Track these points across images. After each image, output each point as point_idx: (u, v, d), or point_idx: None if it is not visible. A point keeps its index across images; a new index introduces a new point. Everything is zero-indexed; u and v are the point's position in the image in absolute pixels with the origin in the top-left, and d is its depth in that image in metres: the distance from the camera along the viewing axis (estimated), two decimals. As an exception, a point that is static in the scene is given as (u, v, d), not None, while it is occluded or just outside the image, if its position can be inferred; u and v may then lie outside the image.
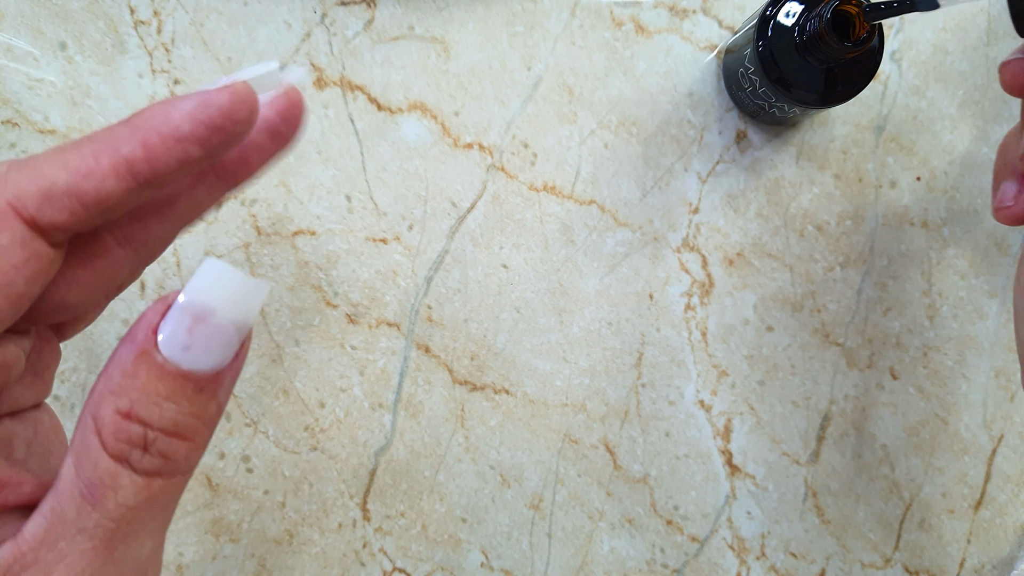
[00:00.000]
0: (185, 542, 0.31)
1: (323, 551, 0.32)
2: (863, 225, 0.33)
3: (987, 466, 0.33)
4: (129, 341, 0.16)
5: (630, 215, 0.33)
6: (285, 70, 0.18)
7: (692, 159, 0.33)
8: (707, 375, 0.33)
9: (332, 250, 0.32)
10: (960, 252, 0.33)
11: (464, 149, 0.32)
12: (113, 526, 0.16)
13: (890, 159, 0.33)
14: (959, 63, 0.33)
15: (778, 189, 0.33)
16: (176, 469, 0.17)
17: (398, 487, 0.32)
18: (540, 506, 0.33)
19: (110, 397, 0.16)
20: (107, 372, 0.16)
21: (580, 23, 0.32)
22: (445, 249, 0.32)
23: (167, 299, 0.16)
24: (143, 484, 0.16)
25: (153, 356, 0.16)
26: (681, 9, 0.33)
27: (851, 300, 0.33)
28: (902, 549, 0.33)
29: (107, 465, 0.16)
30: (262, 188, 0.31)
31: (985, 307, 0.33)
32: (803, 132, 0.33)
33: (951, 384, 0.33)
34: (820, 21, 0.26)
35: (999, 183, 0.26)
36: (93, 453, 0.16)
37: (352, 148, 0.32)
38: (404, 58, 0.32)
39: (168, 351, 0.16)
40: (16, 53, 0.30)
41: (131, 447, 0.16)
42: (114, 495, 0.16)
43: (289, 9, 0.31)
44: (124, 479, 0.16)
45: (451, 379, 0.32)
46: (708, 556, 0.33)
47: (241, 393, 0.31)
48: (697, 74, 0.33)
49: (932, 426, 0.33)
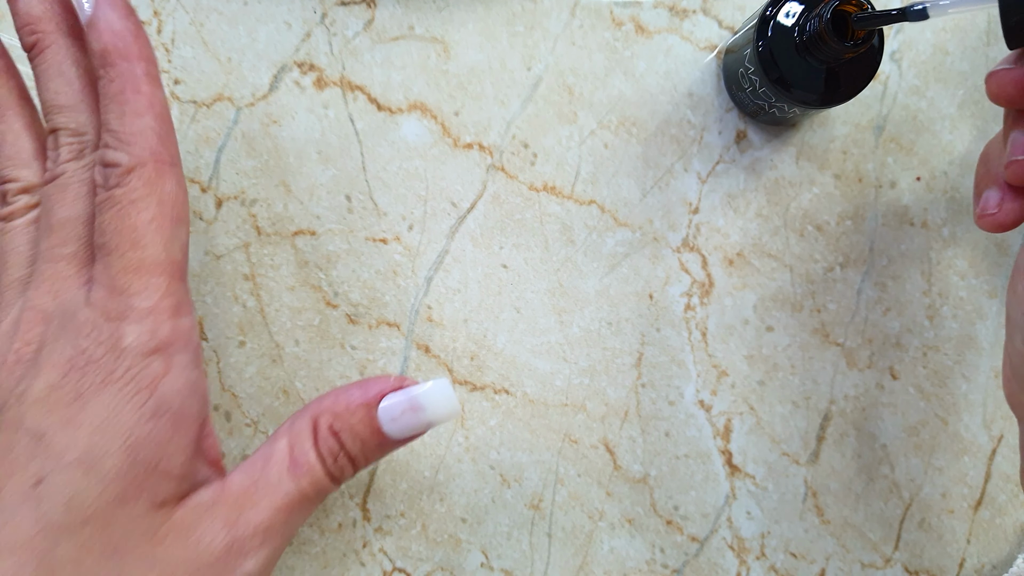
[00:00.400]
0: (185, 542, 0.31)
1: (323, 551, 0.32)
2: (863, 225, 0.33)
3: (987, 466, 0.33)
4: (364, 390, 0.24)
5: (630, 215, 0.33)
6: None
7: (692, 159, 0.33)
8: (707, 375, 0.33)
9: (332, 250, 0.32)
10: (960, 252, 0.33)
11: (464, 149, 0.32)
12: (299, 497, 0.23)
13: (890, 159, 0.33)
14: (959, 63, 0.33)
15: (778, 189, 0.33)
16: (337, 483, 0.24)
17: (398, 487, 0.32)
18: (540, 506, 0.33)
19: (329, 415, 0.23)
20: (335, 396, 0.24)
21: (580, 23, 0.32)
22: (445, 249, 0.32)
23: (404, 382, 0.24)
24: (324, 479, 0.23)
25: (372, 411, 0.23)
26: (681, 9, 0.33)
27: (851, 300, 0.33)
28: (902, 549, 0.33)
29: (312, 456, 0.23)
30: (262, 188, 0.31)
31: (985, 307, 0.33)
32: (803, 132, 0.33)
33: (951, 384, 0.33)
34: (820, 21, 0.26)
35: (981, 191, 0.26)
36: (305, 443, 0.23)
37: (352, 148, 0.32)
38: (404, 58, 0.32)
39: (382, 414, 0.23)
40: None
41: (328, 454, 0.23)
42: (309, 476, 0.23)
43: (289, 9, 0.31)
44: (317, 470, 0.23)
45: (451, 379, 0.32)
46: (708, 556, 0.33)
47: (241, 393, 0.31)
48: (697, 74, 0.33)
49: (932, 426, 0.33)
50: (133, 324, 0.22)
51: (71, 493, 0.20)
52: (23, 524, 0.20)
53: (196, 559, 0.21)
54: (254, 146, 0.31)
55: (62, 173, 0.23)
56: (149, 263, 0.22)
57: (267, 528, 0.22)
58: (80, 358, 0.21)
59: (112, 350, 0.21)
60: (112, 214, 0.22)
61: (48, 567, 0.20)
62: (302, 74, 0.31)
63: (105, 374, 0.21)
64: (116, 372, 0.21)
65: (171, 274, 0.22)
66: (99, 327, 0.22)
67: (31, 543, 0.20)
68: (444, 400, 0.24)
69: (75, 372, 0.21)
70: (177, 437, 0.22)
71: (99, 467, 0.20)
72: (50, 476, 0.20)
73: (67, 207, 0.23)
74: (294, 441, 0.23)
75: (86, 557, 0.20)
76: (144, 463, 0.21)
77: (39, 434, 0.21)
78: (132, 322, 0.22)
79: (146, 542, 0.21)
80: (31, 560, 0.20)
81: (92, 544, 0.20)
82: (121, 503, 0.21)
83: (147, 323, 0.22)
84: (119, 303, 0.22)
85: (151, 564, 0.21)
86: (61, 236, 0.23)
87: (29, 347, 0.22)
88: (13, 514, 0.20)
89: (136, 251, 0.22)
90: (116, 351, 0.21)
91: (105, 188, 0.22)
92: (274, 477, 0.23)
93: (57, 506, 0.20)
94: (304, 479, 0.23)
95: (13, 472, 0.20)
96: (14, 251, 0.24)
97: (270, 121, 0.31)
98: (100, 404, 0.21)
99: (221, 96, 0.31)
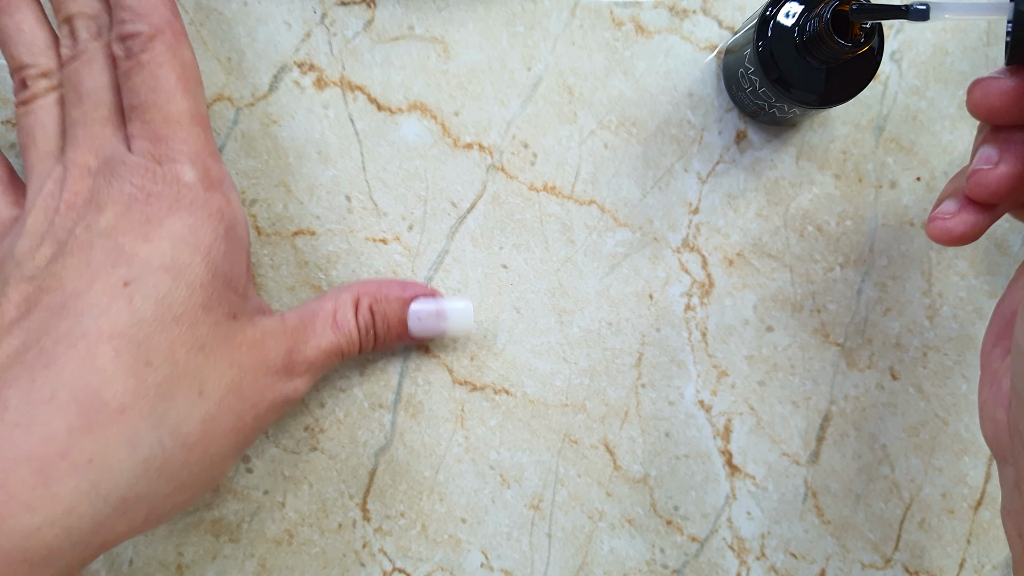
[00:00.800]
0: (185, 542, 0.31)
1: (323, 551, 0.32)
2: (863, 225, 0.33)
3: (987, 466, 0.33)
4: (403, 288, 0.30)
5: (630, 215, 0.33)
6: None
7: (692, 159, 0.33)
8: (707, 375, 0.33)
9: (332, 250, 0.32)
10: (960, 252, 0.33)
11: (464, 149, 0.32)
12: (336, 348, 0.28)
13: (890, 159, 0.33)
14: (959, 63, 0.33)
15: (778, 189, 0.33)
16: (362, 350, 0.29)
17: (398, 487, 0.32)
18: (540, 506, 0.33)
19: (370, 297, 0.29)
20: (379, 285, 0.29)
21: (580, 23, 0.32)
22: (445, 249, 0.32)
23: (436, 293, 0.30)
24: (355, 343, 0.28)
25: (405, 306, 0.29)
26: (681, 9, 0.33)
27: (851, 300, 0.33)
28: (902, 549, 0.33)
29: (352, 322, 0.28)
30: (262, 188, 0.31)
31: (985, 307, 0.33)
32: (803, 132, 0.33)
33: (951, 384, 0.33)
34: (820, 21, 0.26)
35: (941, 201, 0.26)
36: (347, 312, 0.28)
37: (352, 148, 0.32)
38: (404, 58, 0.32)
39: (412, 312, 0.29)
40: None
41: (364, 326, 0.28)
42: (346, 337, 0.28)
43: (289, 9, 0.31)
44: (353, 334, 0.28)
45: (451, 379, 0.32)
46: (708, 556, 0.33)
47: (241, 393, 0.31)
48: (697, 74, 0.33)
49: (932, 426, 0.33)
50: (187, 164, 0.25)
51: (161, 294, 0.23)
52: (119, 316, 0.22)
53: (263, 366, 0.25)
54: (254, 146, 0.31)
55: (85, 50, 0.25)
56: (187, 115, 0.25)
57: (311, 362, 0.27)
58: (140, 193, 0.24)
59: (173, 185, 0.24)
60: (143, 77, 0.25)
61: (145, 354, 0.22)
62: (302, 74, 0.31)
63: (171, 202, 0.24)
64: (183, 201, 0.24)
65: (204, 126, 0.26)
66: (152, 169, 0.24)
67: (128, 332, 0.22)
68: (464, 318, 0.30)
69: (138, 204, 0.24)
70: (239, 261, 0.26)
71: (185, 275, 0.24)
72: (139, 279, 0.23)
73: (95, 77, 0.25)
74: (338, 307, 0.28)
75: (178, 349, 0.23)
76: (222, 277, 0.25)
77: (118, 248, 0.23)
78: (185, 163, 0.25)
79: (226, 344, 0.24)
80: (130, 347, 0.22)
81: (183, 339, 0.23)
82: (205, 309, 0.24)
83: (199, 163, 0.25)
84: (166, 149, 0.25)
85: (230, 363, 0.24)
86: (93, 102, 0.25)
87: (79, 196, 0.24)
88: (107, 308, 0.22)
89: (172, 105, 0.25)
90: (177, 186, 0.24)
91: (128, 58, 0.25)
92: (320, 328, 0.28)
93: (148, 304, 0.23)
94: (342, 337, 0.28)
95: (98, 277, 0.23)
96: (41, 127, 0.26)
97: (270, 121, 0.31)
98: (176, 223, 0.24)
99: (221, 96, 0.31)
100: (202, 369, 0.23)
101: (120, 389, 0.21)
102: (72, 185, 0.24)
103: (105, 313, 0.22)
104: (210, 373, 0.24)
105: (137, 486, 0.22)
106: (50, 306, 0.22)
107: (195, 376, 0.23)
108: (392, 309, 0.29)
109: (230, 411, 0.24)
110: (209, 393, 0.24)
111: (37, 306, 0.22)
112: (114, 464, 0.21)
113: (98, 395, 0.21)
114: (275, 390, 0.26)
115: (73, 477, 0.20)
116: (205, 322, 0.24)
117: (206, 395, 0.23)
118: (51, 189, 0.25)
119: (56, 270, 0.23)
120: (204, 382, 0.24)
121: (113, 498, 0.21)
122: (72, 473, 0.20)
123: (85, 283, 0.22)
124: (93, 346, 0.22)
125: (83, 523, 0.21)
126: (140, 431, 0.22)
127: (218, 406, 0.24)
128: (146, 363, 0.22)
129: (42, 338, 0.22)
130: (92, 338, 0.22)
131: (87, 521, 0.21)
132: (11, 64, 0.26)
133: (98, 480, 0.21)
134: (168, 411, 0.22)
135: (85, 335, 0.22)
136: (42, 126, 0.26)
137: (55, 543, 0.20)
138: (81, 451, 0.21)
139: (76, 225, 0.24)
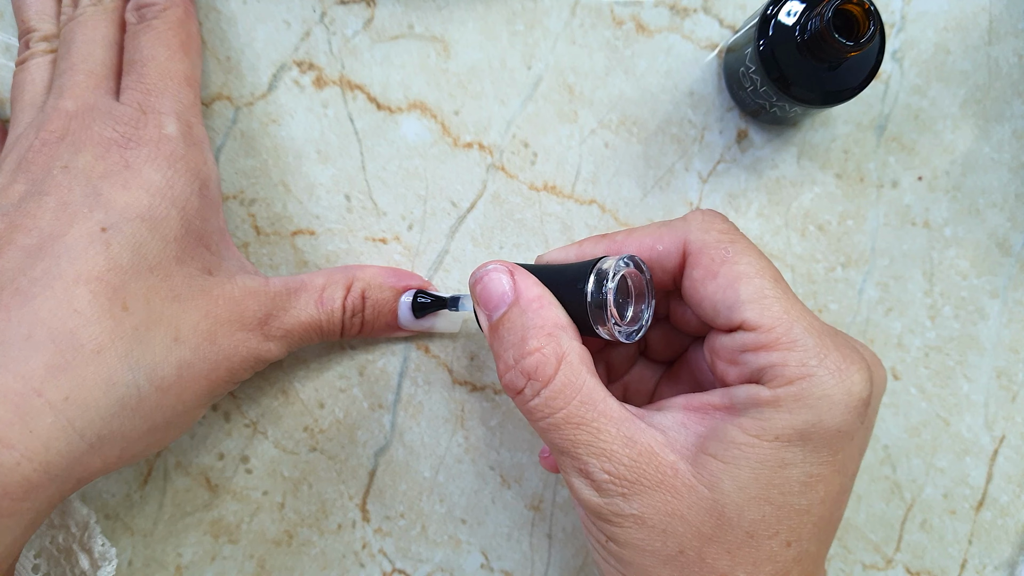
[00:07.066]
0: (184, 543, 0.31)
1: (322, 552, 0.32)
2: (864, 225, 0.33)
3: (989, 467, 0.33)
4: (397, 278, 0.30)
5: (631, 215, 0.32)
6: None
7: (693, 159, 0.33)
8: (708, 375, 0.33)
9: (331, 250, 0.32)
10: (962, 252, 0.33)
11: (464, 148, 0.32)
12: (315, 323, 0.28)
13: (891, 158, 0.33)
14: (961, 62, 0.33)
15: (779, 189, 0.33)
16: (343, 333, 0.29)
17: (398, 488, 0.32)
18: (540, 507, 0.32)
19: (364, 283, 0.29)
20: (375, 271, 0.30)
21: (580, 22, 0.32)
22: (445, 249, 0.32)
23: (430, 287, 0.31)
24: (337, 324, 0.29)
25: (397, 297, 0.30)
26: (682, 8, 0.32)
27: (853, 300, 0.33)
28: (903, 550, 0.33)
29: (338, 303, 0.28)
30: (261, 188, 0.31)
31: (987, 307, 0.33)
32: (804, 131, 0.33)
33: (953, 384, 0.33)
34: (821, 20, 0.26)
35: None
36: (336, 292, 0.29)
37: (351, 147, 0.32)
38: (404, 57, 0.32)
39: (402, 305, 0.30)
40: (15, 53, 0.30)
41: (351, 309, 0.29)
42: (328, 316, 0.28)
43: (288, 8, 0.31)
44: (336, 315, 0.28)
45: (451, 379, 0.32)
46: (709, 557, 0.33)
47: (240, 393, 0.31)
48: (698, 73, 0.33)
49: (933, 427, 0.33)
50: (171, 117, 0.26)
51: (137, 243, 0.23)
52: (96, 260, 0.23)
53: (239, 321, 0.26)
54: (253, 145, 0.31)
55: (81, 13, 0.27)
56: (181, 74, 0.27)
57: (287, 330, 0.27)
58: (121, 139, 0.25)
59: (155, 134, 0.25)
60: (150, 36, 0.26)
61: (121, 298, 0.23)
62: (301, 73, 0.31)
63: (151, 151, 0.25)
64: (162, 152, 0.25)
65: (195, 89, 0.27)
66: (137, 117, 0.25)
67: (105, 276, 0.23)
68: (450, 320, 0.30)
69: (117, 148, 0.24)
70: (212, 218, 0.27)
71: (160, 228, 0.24)
72: (116, 226, 0.23)
73: (87, 34, 0.26)
74: (327, 285, 0.28)
75: (153, 297, 0.24)
76: (195, 233, 0.25)
77: (96, 192, 0.24)
78: (170, 115, 0.26)
79: (201, 297, 0.25)
80: (107, 290, 0.22)
81: (158, 288, 0.24)
82: (179, 262, 0.25)
83: (183, 119, 0.26)
84: (155, 100, 0.26)
85: (205, 314, 0.25)
86: (81, 55, 0.26)
87: (53, 135, 0.25)
88: (84, 251, 0.22)
89: (171, 63, 0.26)
90: (159, 136, 0.25)
91: (140, 22, 0.26)
92: (304, 300, 0.28)
93: (125, 251, 0.23)
94: (324, 314, 0.28)
95: (75, 220, 0.23)
96: (31, 81, 0.27)
97: (269, 120, 0.31)
98: (155, 174, 0.24)
99: (220, 95, 0.31)
100: (178, 317, 0.24)
101: (97, 330, 0.22)
102: (48, 124, 0.25)
103: (82, 256, 0.22)
104: (185, 321, 0.24)
105: (112, 424, 0.22)
106: (26, 246, 0.22)
107: (171, 322, 0.24)
108: (385, 298, 0.29)
109: (205, 359, 0.25)
110: (185, 339, 0.24)
111: (11, 244, 0.23)
112: (90, 403, 0.22)
113: (75, 335, 0.21)
114: (249, 347, 0.26)
115: (49, 414, 0.21)
116: (179, 274, 0.24)
117: (181, 341, 0.24)
118: (26, 130, 0.25)
119: (31, 208, 0.23)
120: (180, 328, 0.24)
121: (89, 435, 0.22)
122: (48, 410, 0.21)
123: (62, 226, 0.23)
124: (70, 288, 0.22)
125: (60, 459, 0.21)
126: (116, 372, 0.22)
127: (193, 353, 0.24)
128: (122, 307, 0.23)
129: (17, 278, 0.22)
130: (69, 280, 0.22)
131: (64, 457, 0.21)
132: (20, 28, 0.28)
133: (74, 417, 0.21)
134: (144, 354, 0.23)
135: (62, 276, 0.22)
136: (31, 80, 0.27)
137: (34, 477, 0.21)
138: (57, 389, 0.21)
139: (52, 164, 0.24)
